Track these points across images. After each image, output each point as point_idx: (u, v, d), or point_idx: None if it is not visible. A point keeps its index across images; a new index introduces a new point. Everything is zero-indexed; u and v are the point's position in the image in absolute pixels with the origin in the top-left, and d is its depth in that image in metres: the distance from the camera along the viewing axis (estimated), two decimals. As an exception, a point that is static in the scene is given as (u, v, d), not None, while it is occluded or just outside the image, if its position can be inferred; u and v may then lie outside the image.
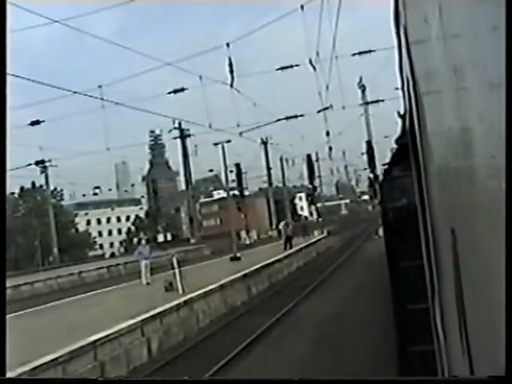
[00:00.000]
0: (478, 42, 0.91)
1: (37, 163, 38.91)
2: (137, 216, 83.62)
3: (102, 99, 24.73)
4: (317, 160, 59.83)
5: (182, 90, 28.40)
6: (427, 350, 3.34)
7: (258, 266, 21.52)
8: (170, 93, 28.66)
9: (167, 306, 13.83)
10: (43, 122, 30.49)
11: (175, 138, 48.39)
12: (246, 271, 19.95)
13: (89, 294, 19.92)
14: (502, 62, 0.74)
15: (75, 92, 21.19)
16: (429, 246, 2.43)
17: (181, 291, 16.02)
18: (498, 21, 0.75)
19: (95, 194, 61.86)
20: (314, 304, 16.77)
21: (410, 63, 1.66)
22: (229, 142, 34.71)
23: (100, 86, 25.80)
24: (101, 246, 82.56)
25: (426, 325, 3.03)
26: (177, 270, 16.86)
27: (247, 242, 46.13)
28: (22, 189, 61.06)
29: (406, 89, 2.35)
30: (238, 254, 27.70)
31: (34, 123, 29.52)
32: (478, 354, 1.23)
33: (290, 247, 30.88)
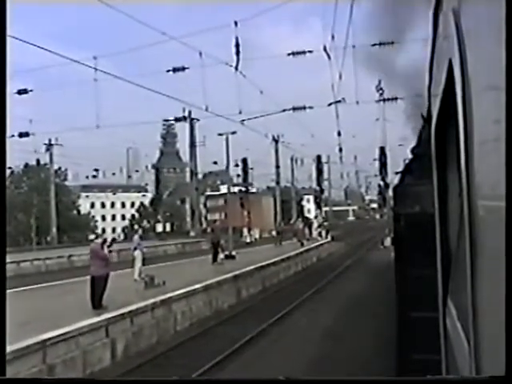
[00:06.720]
0: None
1: (20, 135, 37.20)
2: (141, 203, 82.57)
3: (95, 70, 23.16)
4: (327, 162, 58.22)
5: (183, 69, 26.82)
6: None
7: (251, 268, 20.18)
8: (168, 71, 27.03)
9: (141, 304, 12.58)
10: (31, 91, 29.24)
11: (176, 119, 46.64)
12: (237, 272, 18.60)
13: (70, 280, 18.82)
14: None
15: (74, 60, 19.69)
16: (445, 252, 2.38)
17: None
18: None
19: (94, 176, 60.61)
20: (304, 318, 15.35)
21: (461, 57, 1.33)
22: (234, 133, 33.05)
23: (95, 58, 24.16)
24: (103, 231, 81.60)
25: (433, 335, 2.78)
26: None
27: (247, 240, 44.72)
28: (26, 165, 60.15)
29: (440, 89, 1.93)
30: (234, 253, 26.29)
31: (21, 92, 28.20)
32: (478, 353, 1.26)
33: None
